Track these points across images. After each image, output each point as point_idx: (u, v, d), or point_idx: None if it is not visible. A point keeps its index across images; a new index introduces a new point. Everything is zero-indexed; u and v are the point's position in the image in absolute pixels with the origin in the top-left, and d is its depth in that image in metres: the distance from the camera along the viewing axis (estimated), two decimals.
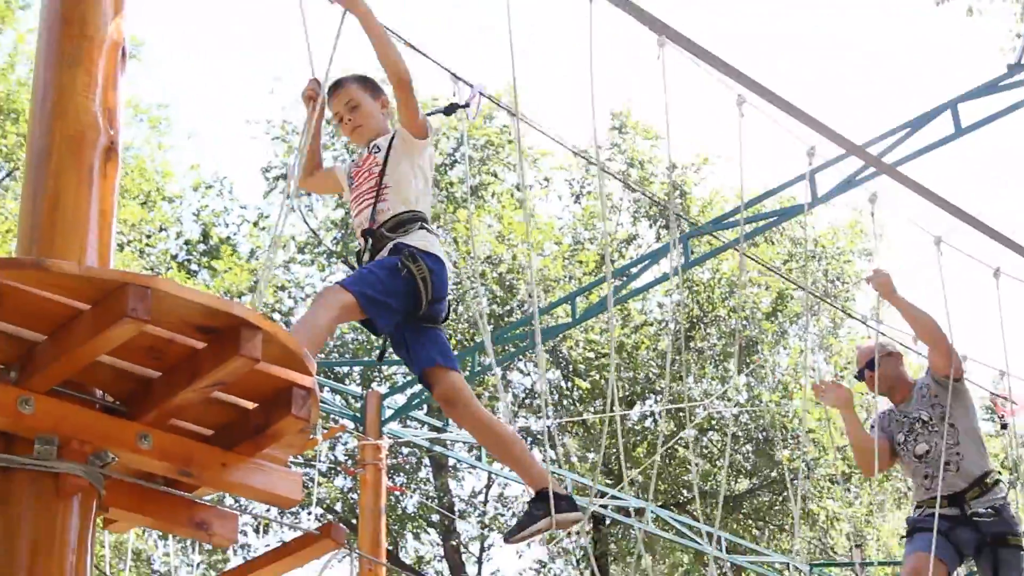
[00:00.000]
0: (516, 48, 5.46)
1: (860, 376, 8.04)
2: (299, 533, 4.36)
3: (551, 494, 5.19)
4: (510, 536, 5.34)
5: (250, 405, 3.99)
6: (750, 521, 23.18)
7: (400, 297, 5.31)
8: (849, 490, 23.65)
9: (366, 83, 5.94)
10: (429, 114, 5.90)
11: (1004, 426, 7.68)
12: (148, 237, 22.64)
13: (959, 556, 7.36)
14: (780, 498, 22.76)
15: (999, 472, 7.65)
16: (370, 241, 5.55)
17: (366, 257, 5.56)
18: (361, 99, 5.86)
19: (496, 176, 23.81)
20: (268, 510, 15.49)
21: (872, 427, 7.88)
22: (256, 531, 22.78)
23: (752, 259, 17.37)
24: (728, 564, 22.71)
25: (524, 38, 24.50)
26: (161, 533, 20.52)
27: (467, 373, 16.21)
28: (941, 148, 10.83)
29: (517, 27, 5.49)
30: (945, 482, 7.31)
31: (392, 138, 5.69)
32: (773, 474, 22.42)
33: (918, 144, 10.91)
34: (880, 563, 21.67)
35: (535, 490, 5.30)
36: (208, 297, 3.62)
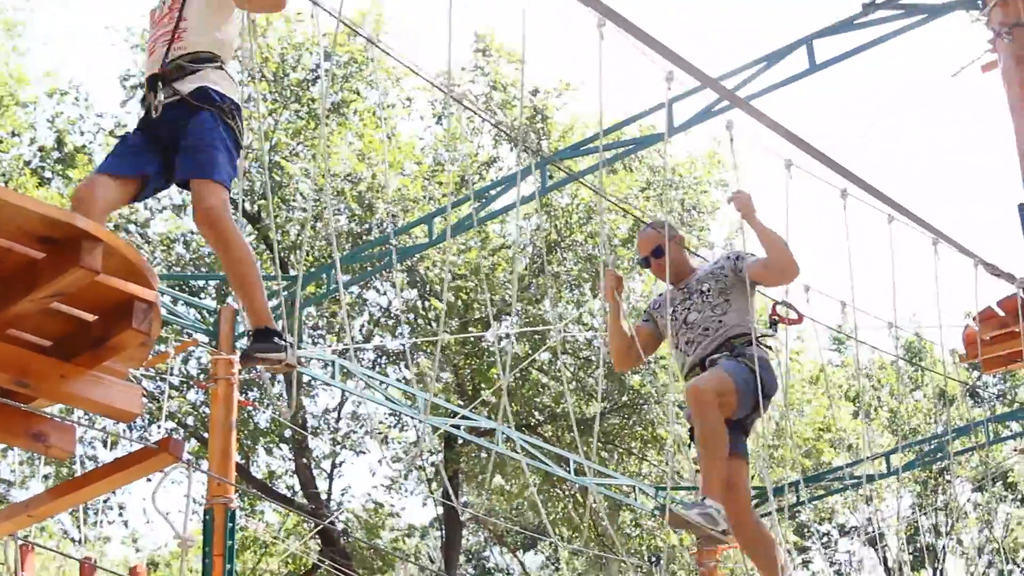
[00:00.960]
0: None
1: (645, 263, 7.76)
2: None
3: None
4: (243, 359, 5.47)
5: (90, 317, 3.96)
6: (600, 444, 23.50)
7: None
8: None
9: None
10: None
11: (773, 323, 7.51)
12: (0, 143, 22.14)
13: None
14: (629, 422, 23.10)
15: (766, 336, 7.39)
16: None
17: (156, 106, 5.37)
18: None
19: (358, 94, 23.62)
20: (117, 424, 15.36)
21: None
22: (105, 444, 22.59)
23: (597, 193, 17.51)
24: (576, 486, 23.08)
25: None
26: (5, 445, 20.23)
27: (322, 291, 16.19)
28: (798, 82, 11.05)
29: None
30: (700, 346, 7.25)
31: None
32: (624, 399, 22.73)
33: (774, 78, 11.11)
34: None
35: (256, 327, 5.35)
36: (49, 208, 3.58)
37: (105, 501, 23.57)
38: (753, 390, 6.95)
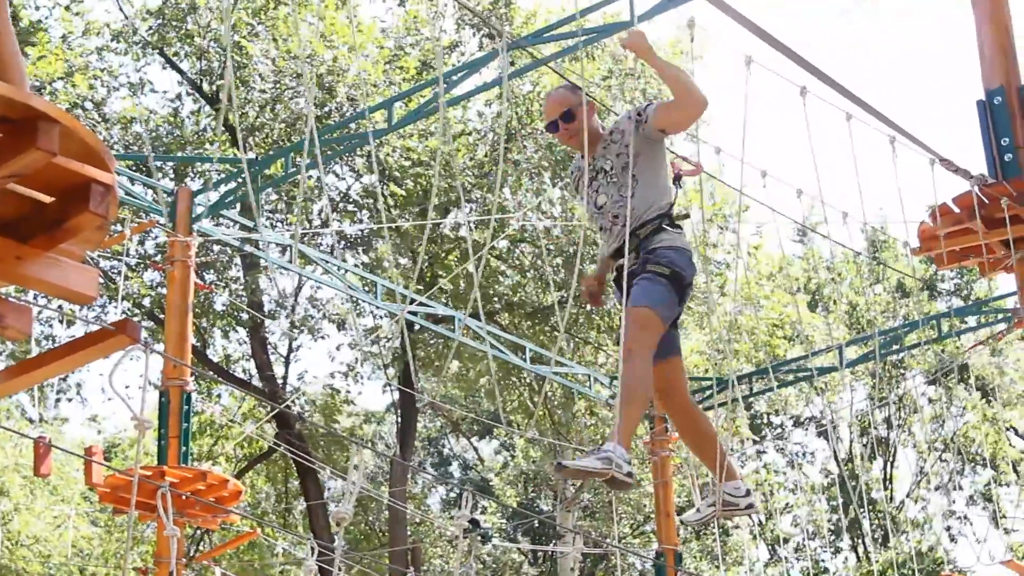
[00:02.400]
0: None
1: (554, 127, 7.29)
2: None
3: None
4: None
5: (47, 199, 3.94)
6: (556, 333, 23.62)
7: None
8: None
9: None
10: None
11: (676, 179, 7.32)
12: None
13: None
14: (586, 311, 23.21)
15: (677, 214, 7.16)
16: None
17: None
18: None
19: None
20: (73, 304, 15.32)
21: None
22: (61, 322, 22.55)
23: (563, 79, 17.41)
24: (533, 375, 23.22)
25: None
26: None
27: (281, 174, 16.11)
28: None
29: None
30: (614, 235, 7.06)
31: None
32: (580, 288, 22.81)
33: None
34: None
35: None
36: (4, 87, 3.54)
37: (64, 379, 23.59)
38: (675, 297, 6.86)
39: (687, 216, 7.40)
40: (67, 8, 23.15)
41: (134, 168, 19.58)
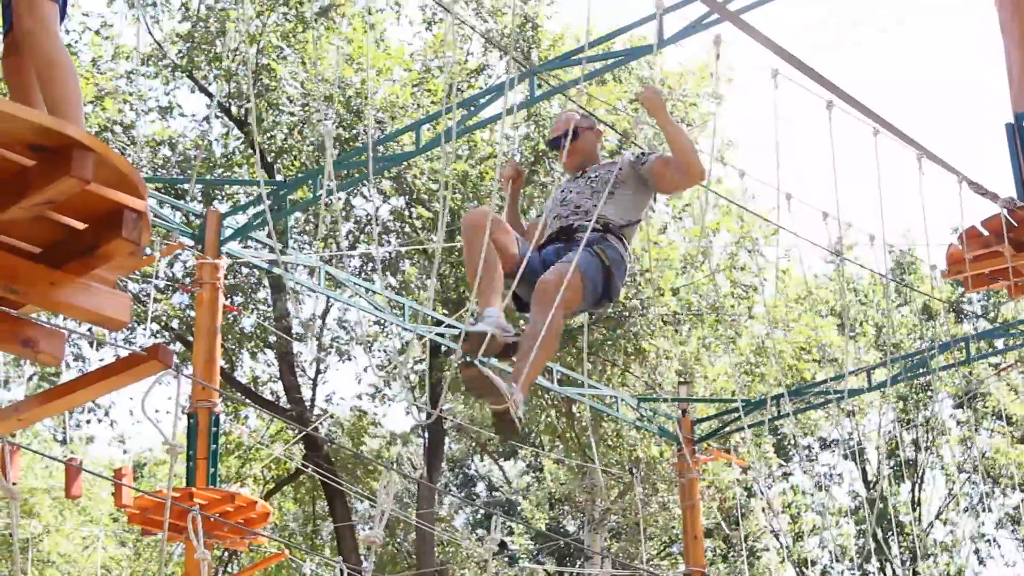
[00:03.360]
0: None
1: (555, 144, 7.41)
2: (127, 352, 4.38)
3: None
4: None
5: (81, 226, 3.99)
6: (584, 355, 23.59)
7: None
8: (678, 331, 24.17)
9: None
10: None
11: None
12: None
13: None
14: (614, 334, 23.19)
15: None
16: None
17: None
18: None
19: None
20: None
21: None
22: (91, 345, 22.65)
23: (582, 108, 17.45)
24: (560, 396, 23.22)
25: None
26: None
27: (309, 196, 16.17)
28: None
29: None
30: (564, 219, 7.05)
31: None
32: (608, 311, 22.80)
33: None
34: (704, 400, 22.32)
35: None
36: (41, 116, 3.60)
37: (93, 402, 23.67)
38: (601, 289, 6.80)
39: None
40: (97, 32, 23.30)
41: (163, 191, 19.69)
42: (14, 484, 11.06)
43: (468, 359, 6.19)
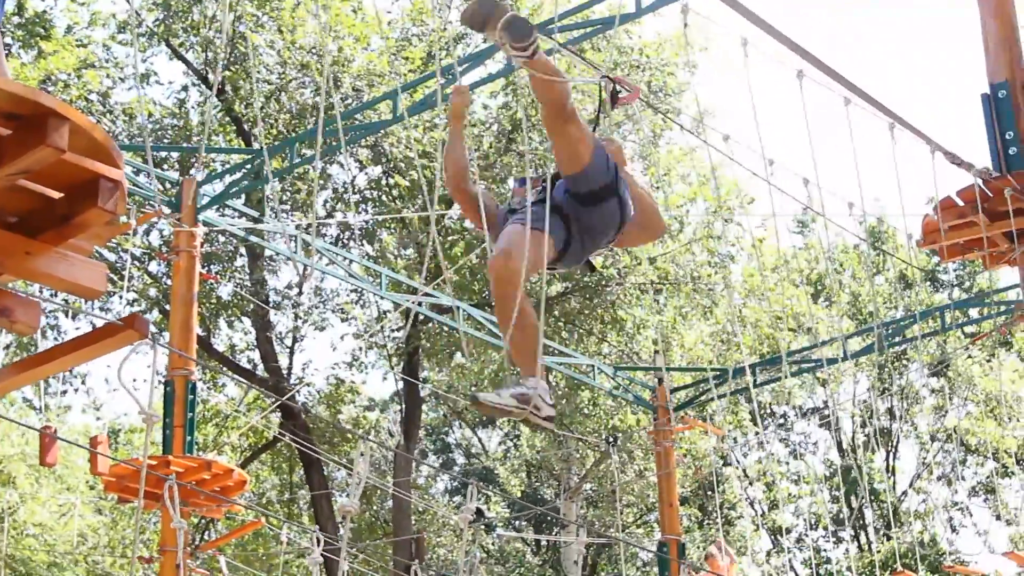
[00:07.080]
0: None
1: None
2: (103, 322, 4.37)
3: None
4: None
5: (56, 195, 3.98)
6: (560, 324, 23.64)
7: None
8: (657, 301, 24.22)
9: None
10: None
11: (614, 96, 6.98)
12: None
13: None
14: (590, 303, 23.22)
15: None
16: None
17: None
18: None
19: None
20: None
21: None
22: (66, 314, 22.59)
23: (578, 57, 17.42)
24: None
25: None
26: None
27: (286, 164, 16.13)
28: None
29: None
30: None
31: None
32: (585, 279, 22.82)
33: None
34: (680, 369, 22.36)
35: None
36: (15, 85, 3.58)
37: (69, 371, 23.62)
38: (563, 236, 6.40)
39: None
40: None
41: (141, 159, 19.57)
42: None
43: (476, 398, 5.79)
